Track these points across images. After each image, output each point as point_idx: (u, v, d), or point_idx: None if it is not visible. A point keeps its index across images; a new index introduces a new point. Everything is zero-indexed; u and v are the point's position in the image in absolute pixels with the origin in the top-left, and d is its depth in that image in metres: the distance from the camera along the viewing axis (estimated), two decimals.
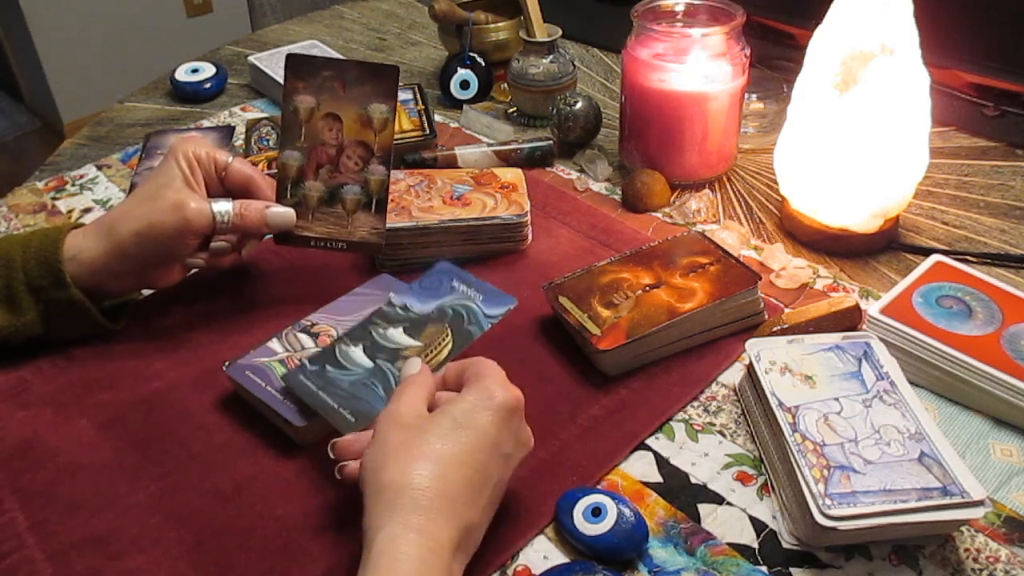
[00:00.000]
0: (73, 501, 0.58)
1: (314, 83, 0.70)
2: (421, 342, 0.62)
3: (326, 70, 0.70)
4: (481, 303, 0.65)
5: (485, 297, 0.65)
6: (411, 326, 0.64)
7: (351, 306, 0.69)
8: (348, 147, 0.71)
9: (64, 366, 0.68)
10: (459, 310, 0.64)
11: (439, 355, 0.61)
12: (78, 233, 0.67)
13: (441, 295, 0.66)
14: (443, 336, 0.62)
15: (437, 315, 0.64)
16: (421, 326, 0.64)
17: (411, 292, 0.66)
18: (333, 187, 0.71)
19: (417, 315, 0.64)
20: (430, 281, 0.67)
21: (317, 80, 0.70)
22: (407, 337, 0.63)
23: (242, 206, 0.68)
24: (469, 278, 0.67)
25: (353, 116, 0.70)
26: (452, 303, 0.65)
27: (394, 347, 0.62)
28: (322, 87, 0.70)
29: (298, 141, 0.71)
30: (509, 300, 0.65)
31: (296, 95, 0.70)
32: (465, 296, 0.65)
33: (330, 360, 0.62)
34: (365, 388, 0.60)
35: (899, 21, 0.71)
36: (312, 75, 0.70)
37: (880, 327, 0.66)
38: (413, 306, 0.65)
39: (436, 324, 0.64)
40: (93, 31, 2.75)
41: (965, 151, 0.96)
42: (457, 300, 0.65)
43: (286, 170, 0.71)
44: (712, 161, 0.89)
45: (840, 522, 0.50)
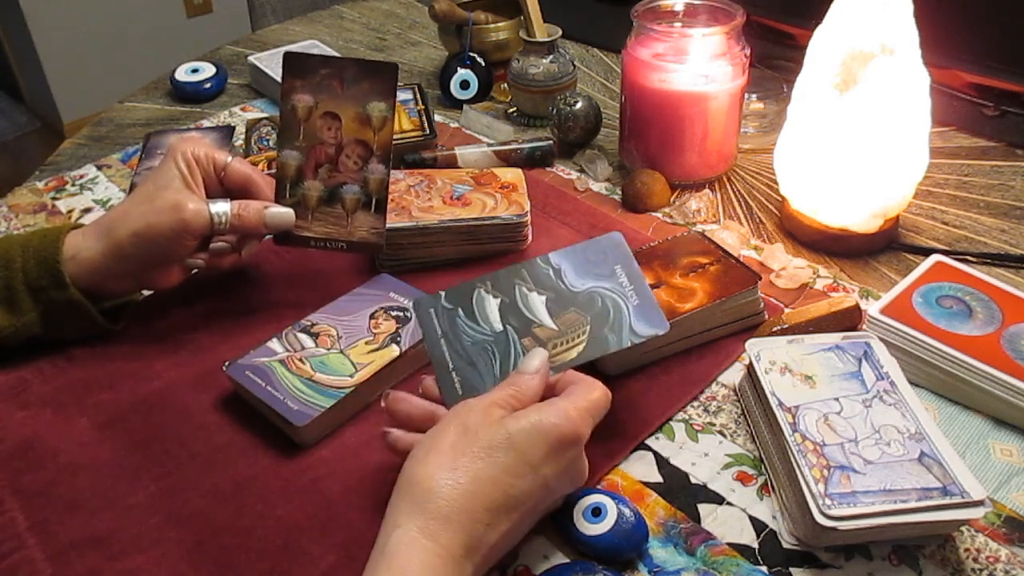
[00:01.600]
0: (73, 501, 0.58)
1: (312, 82, 0.70)
2: (557, 327, 0.57)
3: (324, 68, 0.70)
4: (633, 311, 0.58)
5: (640, 304, 0.58)
6: (555, 299, 0.58)
7: (352, 306, 0.69)
8: (347, 146, 0.71)
9: (64, 366, 0.68)
10: (608, 306, 0.58)
11: (566, 355, 0.57)
12: (77, 233, 0.67)
13: (600, 276, 0.59)
14: (580, 331, 0.57)
15: (585, 300, 0.58)
16: (564, 305, 0.58)
17: (572, 257, 0.60)
18: (332, 186, 0.71)
19: (566, 289, 0.59)
20: (596, 252, 0.60)
21: (315, 79, 0.70)
22: (546, 313, 0.58)
23: (240, 207, 0.68)
24: (634, 268, 0.60)
25: (352, 115, 0.70)
26: (606, 292, 0.58)
27: (529, 319, 0.58)
28: (320, 86, 0.70)
29: (297, 140, 0.70)
30: (661, 323, 0.57)
31: (294, 94, 0.70)
32: (622, 291, 0.58)
33: (465, 304, 0.58)
34: (484, 356, 0.57)
35: (899, 21, 0.71)
36: (310, 74, 0.70)
37: (880, 327, 0.66)
38: (567, 275, 0.59)
39: (579, 312, 0.58)
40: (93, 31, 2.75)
41: (965, 151, 0.96)
42: (612, 291, 0.58)
43: (285, 170, 0.71)
44: (712, 161, 0.90)
45: (840, 522, 0.50)
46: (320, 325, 0.67)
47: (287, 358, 0.64)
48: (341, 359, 0.64)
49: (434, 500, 0.47)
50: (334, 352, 0.65)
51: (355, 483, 0.58)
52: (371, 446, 0.61)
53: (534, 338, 0.57)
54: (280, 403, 0.61)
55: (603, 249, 0.60)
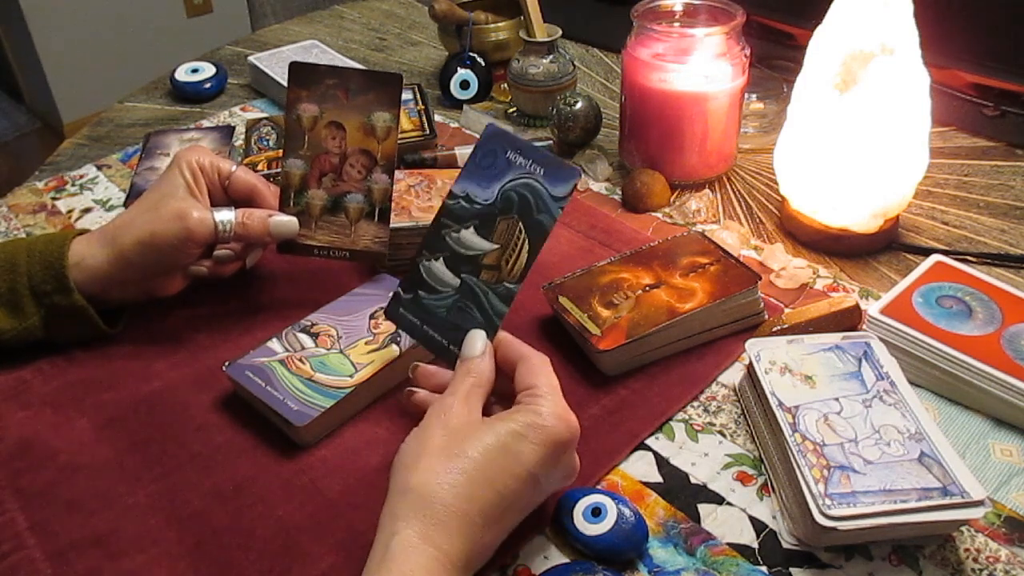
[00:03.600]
0: (73, 501, 0.58)
1: (317, 91, 0.70)
2: (497, 243, 0.57)
3: (329, 78, 0.70)
4: (545, 179, 0.57)
5: (546, 170, 0.57)
6: (481, 223, 0.58)
7: (351, 306, 0.69)
8: (351, 156, 0.71)
9: (64, 366, 0.68)
10: (524, 194, 0.57)
11: (519, 260, 0.57)
12: (83, 240, 0.68)
13: (500, 173, 0.58)
14: (517, 234, 0.57)
15: (503, 204, 0.58)
16: (491, 222, 0.58)
17: (468, 176, 0.59)
18: (336, 196, 0.71)
19: (483, 206, 0.58)
20: (484, 157, 0.59)
21: (320, 88, 0.70)
22: (481, 239, 0.58)
23: (245, 215, 0.68)
24: (522, 144, 0.59)
25: (356, 124, 0.70)
26: (514, 185, 0.58)
27: (473, 254, 0.58)
28: (325, 95, 0.70)
29: (301, 150, 0.71)
30: (572, 172, 0.57)
31: (299, 103, 0.70)
32: (525, 171, 0.57)
33: (420, 283, 0.59)
34: (461, 313, 0.57)
35: (899, 21, 0.71)
36: (315, 83, 0.70)
37: (880, 327, 0.66)
38: (476, 194, 0.59)
39: (506, 217, 0.57)
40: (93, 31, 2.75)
41: (965, 151, 0.96)
42: (519, 179, 0.58)
43: (289, 179, 0.71)
44: (712, 161, 0.90)
45: (840, 522, 0.50)
46: (320, 325, 0.67)
47: (287, 358, 0.64)
48: (341, 359, 0.64)
49: (432, 505, 0.46)
50: (334, 352, 0.65)
51: (355, 483, 0.58)
52: (371, 446, 0.61)
53: (487, 268, 0.57)
54: (280, 403, 0.61)
55: (489, 148, 0.59)
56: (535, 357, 0.54)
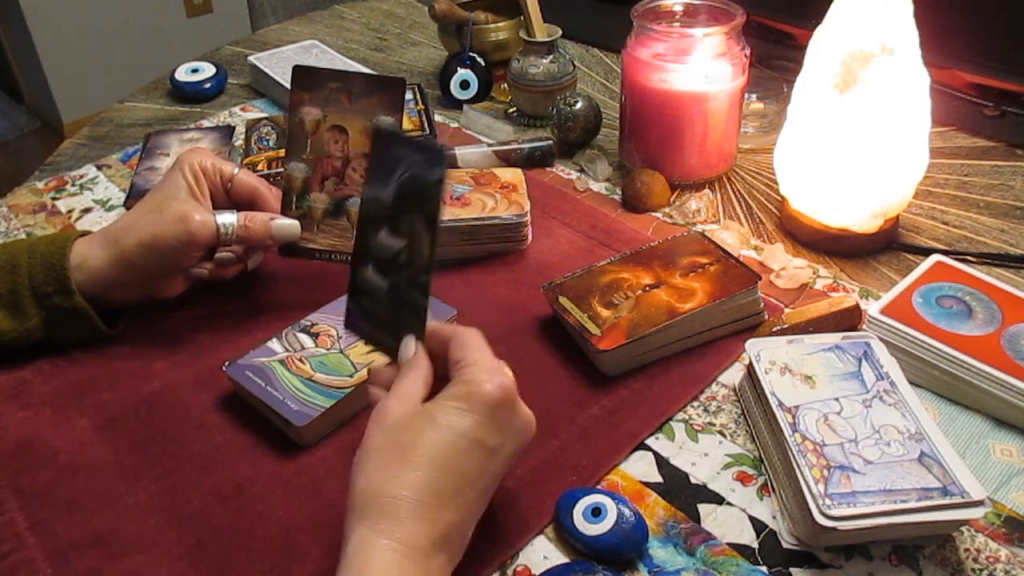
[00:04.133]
0: (73, 501, 0.58)
1: (320, 95, 0.70)
2: (404, 239, 0.57)
3: (332, 82, 0.70)
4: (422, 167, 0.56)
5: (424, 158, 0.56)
6: (389, 223, 0.58)
7: None
8: (354, 159, 0.71)
9: (64, 366, 0.68)
10: (411, 184, 0.56)
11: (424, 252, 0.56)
12: (84, 241, 0.68)
13: (392, 170, 0.57)
14: (417, 226, 0.56)
15: (399, 200, 0.57)
16: (396, 219, 0.57)
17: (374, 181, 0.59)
18: (338, 199, 0.71)
19: (387, 205, 0.57)
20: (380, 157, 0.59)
21: (323, 92, 0.70)
22: (392, 238, 0.57)
23: (247, 218, 0.68)
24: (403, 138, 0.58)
25: (359, 128, 0.70)
26: (404, 178, 0.57)
27: (390, 256, 0.58)
28: (328, 99, 0.70)
29: (304, 153, 0.71)
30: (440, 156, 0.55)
31: (302, 107, 0.70)
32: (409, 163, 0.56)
33: (360, 292, 0.59)
34: (396, 313, 0.57)
35: (899, 21, 0.71)
36: (318, 87, 0.70)
37: (880, 327, 0.66)
38: (381, 197, 0.58)
39: (404, 212, 0.57)
40: (93, 31, 2.75)
41: (965, 151, 0.96)
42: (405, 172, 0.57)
43: (291, 182, 0.71)
44: (712, 161, 0.90)
45: (840, 522, 0.50)
46: (320, 325, 0.67)
47: (287, 358, 0.64)
48: (341, 359, 0.64)
49: (377, 501, 0.46)
50: (334, 352, 0.65)
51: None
52: None
53: (404, 267, 0.56)
54: (280, 403, 0.61)
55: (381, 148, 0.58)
56: (463, 332, 0.53)
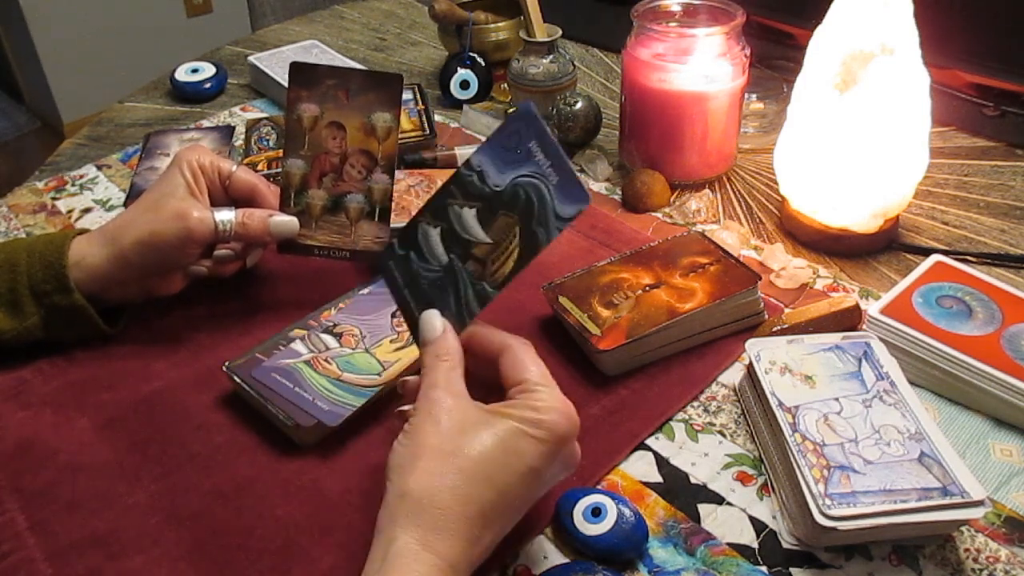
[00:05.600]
0: (73, 501, 0.58)
1: (317, 92, 0.70)
2: (491, 238, 0.54)
3: (329, 79, 0.70)
4: (555, 191, 0.53)
5: (560, 181, 0.53)
6: (484, 208, 0.55)
7: (371, 305, 0.69)
8: (352, 156, 0.71)
9: (64, 366, 0.68)
10: (531, 194, 0.54)
11: (504, 267, 0.54)
12: (82, 239, 0.67)
13: (518, 162, 0.54)
14: (512, 236, 0.54)
15: (510, 197, 0.54)
16: (493, 211, 0.55)
17: (491, 151, 0.55)
18: (336, 196, 0.71)
19: (491, 191, 0.55)
20: (509, 136, 0.55)
21: (320, 89, 0.70)
22: (478, 227, 0.55)
23: (245, 215, 0.68)
24: (549, 141, 0.54)
25: (357, 125, 0.70)
26: (526, 181, 0.54)
27: (466, 240, 0.55)
28: (325, 96, 0.70)
29: (301, 150, 0.71)
30: (582, 196, 0.53)
31: (299, 104, 0.70)
32: (541, 172, 0.54)
33: (414, 244, 0.56)
34: (440, 292, 0.55)
35: (899, 21, 0.71)
36: (315, 83, 0.70)
37: (880, 327, 0.66)
38: (490, 174, 0.55)
39: (507, 214, 0.54)
40: (93, 31, 2.75)
41: (965, 151, 0.96)
42: (532, 176, 0.54)
43: (289, 179, 0.71)
44: (712, 161, 0.90)
45: (840, 522, 0.50)
46: (343, 325, 0.67)
47: (313, 359, 0.64)
48: (367, 358, 0.64)
49: (430, 510, 0.45)
50: (359, 352, 0.65)
51: (355, 483, 0.58)
52: (371, 446, 0.61)
53: (474, 260, 0.54)
54: (310, 404, 0.60)
55: (516, 129, 0.55)
56: (516, 345, 0.52)
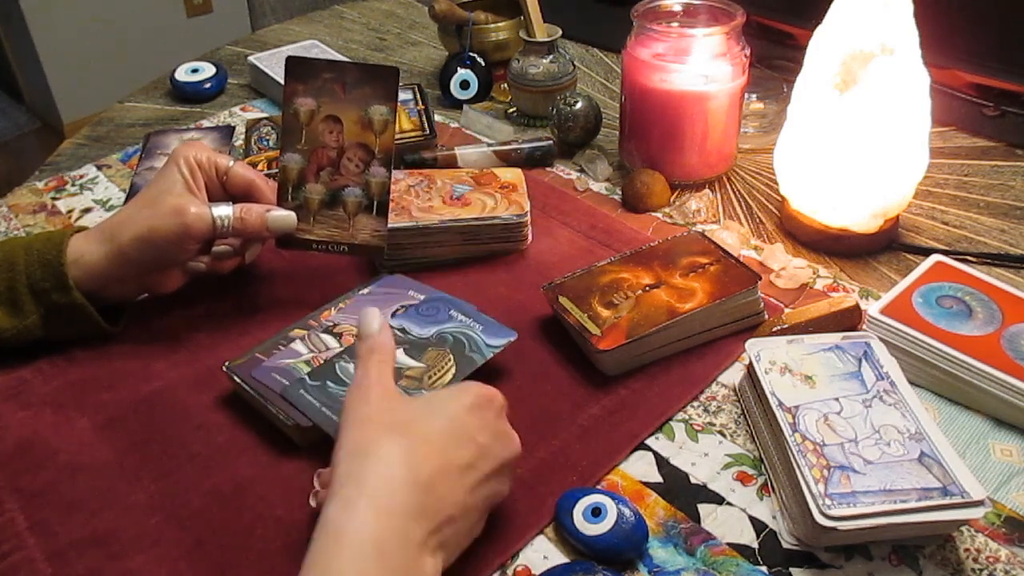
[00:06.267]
0: (73, 501, 0.58)
1: (314, 86, 0.70)
2: (423, 363, 0.62)
3: (326, 72, 0.70)
4: (481, 333, 0.65)
5: (485, 328, 0.65)
6: (411, 348, 0.63)
7: (370, 305, 0.69)
8: (349, 149, 0.71)
9: (64, 366, 0.68)
10: (460, 337, 0.64)
11: (442, 378, 0.61)
12: (80, 237, 0.67)
13: (440, 321, 0.66)
14: (445, 360, 0.62)
15: (437, 340, 0.64)
16: (422, 349, 0.63)
17: (408, 317, 0.66)
18: (334, 190, 0.71)
19: (416, 338, 0.64)
20: (428, 308, 0.67)
21: (317, 83, 0.70)
22: (408, 358, 0.62)
23: (243, 210, 0.68)
24: (467, 308, 0.67)
25: (353, 118, 0.70)
26: (452, 330, 0.65)
27: (397, 366, 0.60)
28: (322, 89, 0.70)
29: (298, 144, 0.71)
30: (509, 333, 0.65)
31: (296, 98, 0.70)
32: (465, 325, 0.65)
33: (331, 376, 0.62)
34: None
35: (899, 21, 0.71)
36: (312, 78, 0.70)
37: (880, 327, 0.66)
38: (412, 329, 0.65)
39: (437, 348, 0.63)
40: (93, 31, 2.75)
41: (965, 151, 0.96)
42: (457, 328, 0.65)
43: (287, 173, 0.71)
44: (712, 161, 0.90)
45: (840, 522, 0.50)
46: (343, 325, 0.67)
47: (313, 359, 0.64)
48: None
49: (374, 467, 0.45)
50: None
51: None
52: None
53: (408, 378, 0.61)
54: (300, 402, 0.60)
55: (432, 304, 0.68)
56: None
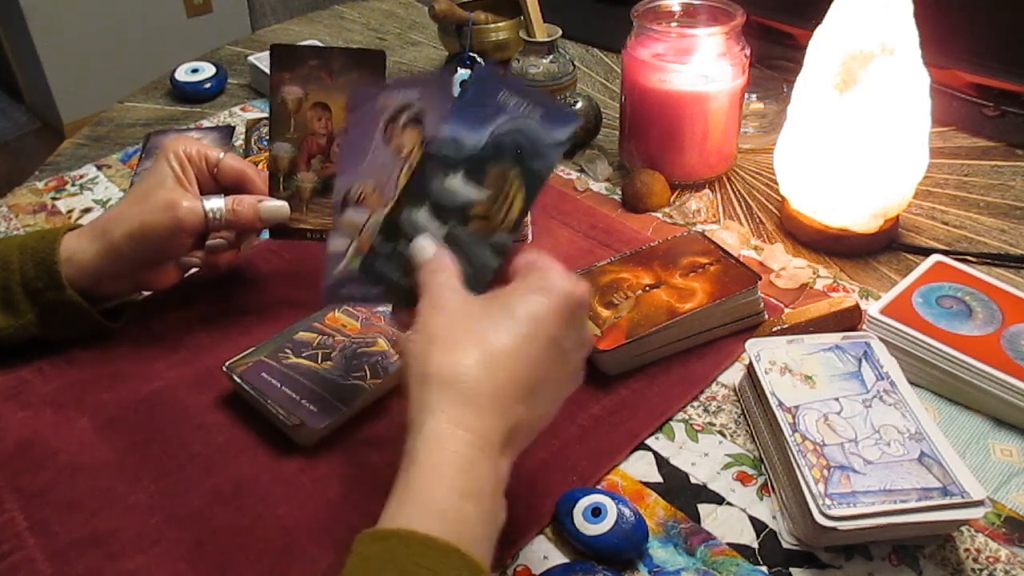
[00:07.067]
0: (73, 501, 0.58)
1: (300, 73, 0.69)
2: (488, 190, 0.53)
3: (312, 59, 0.69)
4: (540, 122, 0.53)
5: (545, 113, 0.53)
6: (470, 169, 0.53)
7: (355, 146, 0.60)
8: (339, 136, 0.70)
9: (64, 366, 0.68)
10: (515, 136, 0.53)
11: (512, 211, 0.53)
12: (73, 235, 0.67)
13: (491, 116, 0.53)
14: (511, 182, 0.53)
15: (494, 148, 0.53)
16: (481, 168, 0.53)
17: (456, 117, 0.54)
18: (326, 177, 0.71)
19: (472, 149, 0.53)
20: (474, 95, 0.54)
21: (303, 70, 0.69)
22: (470, 186, 0.53)
23: (235, 202, 0.68)
24: (515, 86, 0.54)
25: (342, 104, 0.70)
26: (508, 128, 0.53)
27: (460, 204, 0.53)
28: (309, 77, 0.69)
29: (288, 133, 0.70)
30: (571, 117, 0.54)
31: (283, 86, 0.70)
32: (518, 113, 0.53)
33: (399, 234, 0.53)
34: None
35: (899, 21, 0.71)
36: (298, 65, 0.69)
37: (880, 327, 0.66)
38: (465, 138, 0.53)
39: (497, 163, 0.53)
40: (93, 31, 2.75)
41: (965, 151, 0.96)
42: (512, 123, 0.53)
43: (277, 163, 0.70)
44: (712, 161, 0.90)
45: (840, 522, 0.50)
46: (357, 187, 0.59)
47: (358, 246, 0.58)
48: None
49: (455, 386, 0.44)
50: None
51: (355, 483, 0.58)
52: (371, 446, 0.61)
53: (476, 219, 0.53)
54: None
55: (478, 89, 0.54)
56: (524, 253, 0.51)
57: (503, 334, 0.45)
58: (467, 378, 0.44)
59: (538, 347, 0.46)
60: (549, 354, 0.47)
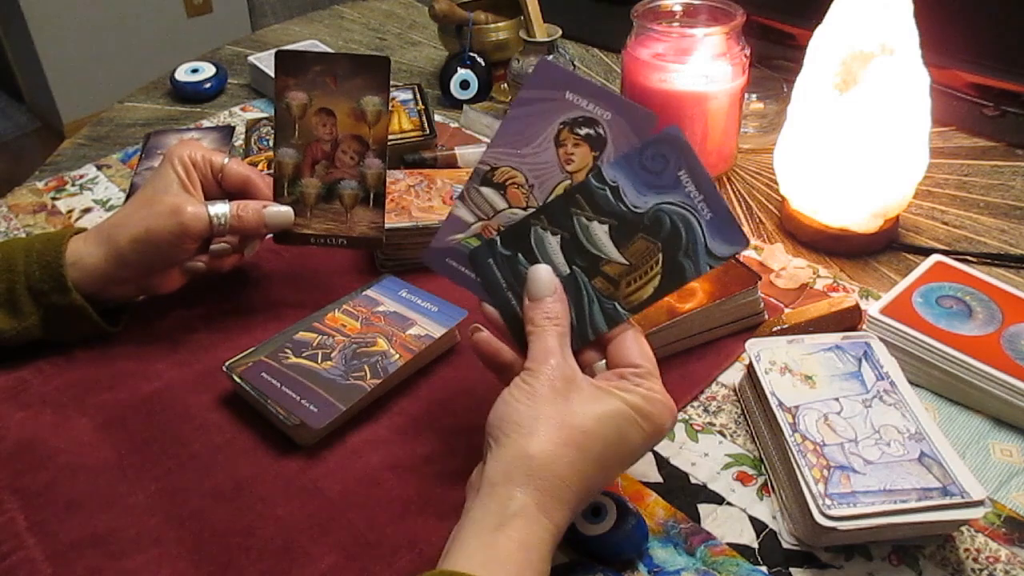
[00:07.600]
0: (73, 501, 0.58)
1: (305, 79, 0.70)
2: (627, 260, 0.51)
3: (316, 65, 0.70)
4: (707, 225, 0.50)
5: (714, 218, 0.50)
6: (618, 227, 0.51)
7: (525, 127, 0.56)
8: (343, 142, 0.71)
9: (64, 366, 0.68)
10: (678, 224, 0.50)
11: (642, 292, 0.51)
12: (79, 239, 0.67)
13: (663, 188, 0.51)
14: (653, 262, 0.51)
15: (652, 221, 0.51)
16: (630, 233, 0.51)
17: (628, 167, 0.52)
18: (330, 183, 0.71)
19: (628, 211, 0.51)
20: (654, 158, 0.51)
21: (308, 76, 0.70)
22: (611, 244, 0.51)
23: (239, 207, 0.68)
24: (700, 172, 0.51)
25: (346, 110, 0.70)
26: (673, 208, 0.51)
27: (595, 255, 0.51)
28: (313, 82, 0.70)
29: (292, 138, 0.71)
30: (739, 238, 0.51)
31: (288, 92, 0.70)
32: (691, 204, 0.51)
33: (524, 246, 0.52)
34: None
35: (899, 21, 0.71)
36: (303, 71, 0.70)
37: (880, 327, 0.66)
38: (626, 193, 0.51)
39: (648, 238, 0.51)
40: (93, 31, 2.75)
41: (965, 151, 0.96)
42: (680, 204, 0.51)
43: (282, 168, 0.71)
44: (712, 161, 0.90)
45: (840, 522, 0.50)
46: (501, 169, 0.56)
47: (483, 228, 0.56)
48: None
49: (551, 479, 0.46)
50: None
51: (355, 483, 0.58)
52: (371, 446, 0.61)
53: (604, 278, 0.51)
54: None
55: (661, 152, 0.51)
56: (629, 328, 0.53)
57: (599, 444, 0.48)
58: (561, 475, 0.47)
59: (619, 463, 0.50)
60: (623, 466, 0.51)
